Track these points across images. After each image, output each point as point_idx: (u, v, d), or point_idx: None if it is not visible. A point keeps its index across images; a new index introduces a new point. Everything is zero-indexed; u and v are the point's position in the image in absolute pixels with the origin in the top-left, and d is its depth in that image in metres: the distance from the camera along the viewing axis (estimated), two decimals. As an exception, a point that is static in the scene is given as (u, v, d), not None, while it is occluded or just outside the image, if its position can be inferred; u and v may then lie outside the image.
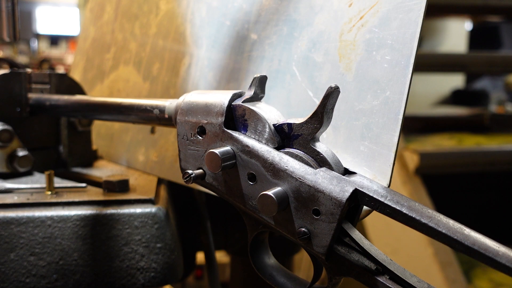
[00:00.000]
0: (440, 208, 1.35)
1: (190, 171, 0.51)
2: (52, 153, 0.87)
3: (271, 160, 0.46)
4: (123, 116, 0.66)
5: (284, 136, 0.47)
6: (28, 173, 0.80)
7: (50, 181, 0.70)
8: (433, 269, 1.46)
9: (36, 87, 0.83)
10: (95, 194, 0.70)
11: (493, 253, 0.35)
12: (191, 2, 0.83)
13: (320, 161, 0.45)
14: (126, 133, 0.94)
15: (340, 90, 0.44)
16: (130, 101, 0.64)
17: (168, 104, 0.58)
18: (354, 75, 0.56)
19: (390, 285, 0.41)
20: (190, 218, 1.01)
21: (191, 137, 0.52)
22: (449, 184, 1.94)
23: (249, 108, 0.49)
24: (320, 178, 0.43)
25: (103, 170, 0.89)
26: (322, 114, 0.44)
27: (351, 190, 0.42)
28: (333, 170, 0.44)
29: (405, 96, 0.51)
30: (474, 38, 3.37)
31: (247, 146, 0.48)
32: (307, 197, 0.44)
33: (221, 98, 0.50)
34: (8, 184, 0.71)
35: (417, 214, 0.39)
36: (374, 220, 1.63)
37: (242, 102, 0.50)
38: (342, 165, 0.46)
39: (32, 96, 0.81)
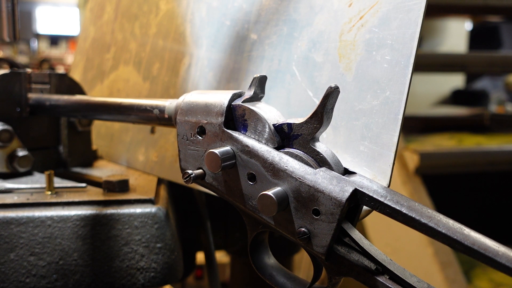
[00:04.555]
0: (440, 208, 1.35)
1: (190, 171, 0.51)
2: (52, 153, 0.87)
3: (271, 160, 0.46)
4: (123, 116, 0.66)
5: (284, 136, 0.47)
6: (28, 173, 0.80)
7: (50, 181, 0.70)
8: (433, 269, 1.45)
9: (36, 87, 0.83)
10: (95, 194, 0.70)
11: (493, 253, 0.35)
12: (191, 2, 0.83)
13: (320, 161, 0.45)
14: (126, 133, 0.94)
15: (340, 90, 0.44)
16: (130, 101, 0.64)
17: (168, 104, 0.58)
18: (354, 75, 0.56)
19: (390, 285, 0.41)
20: (190, 218, 1.01)
21: (191, 137, 0.52)
22: (449, 184, 1.94)
23: (249, 108, 0.49)
24: (320, 178, 0.43)
25: (103, 170, 0.89)
26: (322, 114, 0.44)
27: (351, 190, 0.42)
28: (333, 170, 0.44)
29: (405, 96, 0.51)
30: (474, 38, 3.37)
31: (247, 146, 0.48)
32: (307, 197, 0.44)
33: (221, 98, 0.50)
34: (8, 184, 0.71)
35: (417, 214, 0.39)
36: (374, 220, 1.63)
37: (242, 102, 0.50)
38: (342, 165, 0.46)
39: (32, 96, 0.81)
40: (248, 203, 0.48)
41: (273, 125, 0.48)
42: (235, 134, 0.49)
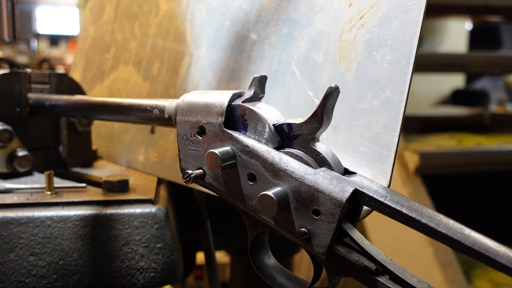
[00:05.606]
0: (440, 208, 1.35)
1: (190, 171, 0.51)
2: (52, 153, 0.87)
3: (271, 160, 0.46)
4: (123, 116, 0.66)
5: (284, 136, 0.47)
6: (28, 173, 0.80)
7: (50, 181, 0.70)
8: (433, 269, 1.45)
9: (36, 87, 0.83)
10: (95, 194, 0.70)
11: (493, 253, 0.35)
12: (191, 2, 0.83)
13: (320, 161, 0.45)
14: (126, 133, 0.94)
15: (340, 90, 0.44)
16: (130, 101, 0.64)
17: (168, 104, 0.58)
18: (354, 75, 0.56)
19: (390, 285, 0.41)
20: (190, 218, 1.01)
21: (191, 137, 0.52)
22: (449, 184, 1.94)
23: (249, 108, 0.49)
24: (320, 178, 0.43)
25: (103, 170, 0.89)
26: (322, 114, 0.44)
27: (351, 190, 0.42)
28: (333, 170, 0.44)
29: (405, 96, 0.51)
30: (474, 38, 3.37)
31: (247, 146, 0.47)
32: (307, 197, 0.44)
33: (221, 98, 0.50)
34: (8, 184, 0.71)
35: (417, 214, 0.39)
36: (374, 220, 1.63)
37: (242, 102, 0.50)
38: (342, 165, 0.46)
39: (32, 96, 0.81)
40: (248, 203, 0.48)
41: (273, 125, 0.48)
42: (235, 134, 0.49)
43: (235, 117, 0.50)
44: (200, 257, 1.17)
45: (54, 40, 7.09)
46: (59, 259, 0.63)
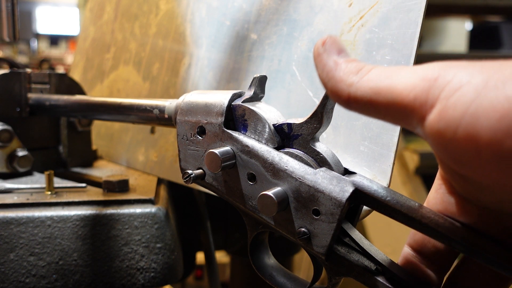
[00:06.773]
0: (440, 208, 1.34)
1: (190, 171, 0.51)
2: (52, 153, 0.87)
3: (271, 160, 0.46)
4: (123, 116, 0.66)
5: (284, 136, 0.47)
6: (28, 173, 0.80)
7: (49, 181, 0.70)
8: (433, 269, 1.45)
9: (36, 87, 0.83)
10: (95, 194, 0.70)
11: (494, 254, 0.35)
12: (191, 2, 0.83)
13: (320, 161, 0.45)
14: (126, 133, 0.94)
15: (340, 90, 0.44)
16: (130, 101, 0.64)
17: (168, 104, 0.58)
18: (354, 75, 0.56)
19: (390, 285, 0.41)
20: (190, 218, 1.01)
21: (191, 137, 0.52)
22: (449, 184, 1.93)
23: (249, 108, 0.49)
24: (320, 178, 0.43)
25: (103, 170, 0.89)
26: (322, 114, 0.44)
27: (351, 190, 0.42)
28: (333, 170, 0.44)
29: (405, 96, 0.51)
30: (474, 38, 3.36)
31: (247, 146, 0.47)
32: (307, 197, 0.44)
33: (221, 98, 0.50)
34: (8, 184, 0.71)
35: (417, 214, 0.39)
36: (374, 220, 1.63)
37: (242, 102, 0.50)
38: (342, 165, 0.46)
39: (32, 96, 0.81)
40: (248, 203, 0.48)
41: (273, 125, 0.48)
42: (235, 134, 0.49)
43: (235, 117, 0.50)
44: (200, 257, 1.17)
45: (54, 40, 7.09)
46: (59, 259, 0.63)
